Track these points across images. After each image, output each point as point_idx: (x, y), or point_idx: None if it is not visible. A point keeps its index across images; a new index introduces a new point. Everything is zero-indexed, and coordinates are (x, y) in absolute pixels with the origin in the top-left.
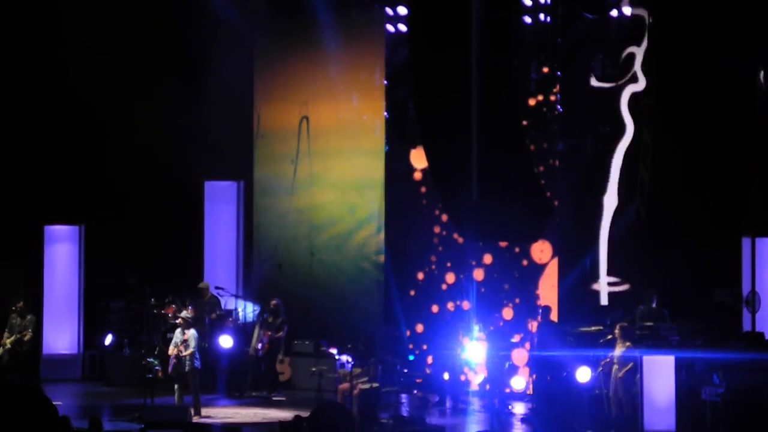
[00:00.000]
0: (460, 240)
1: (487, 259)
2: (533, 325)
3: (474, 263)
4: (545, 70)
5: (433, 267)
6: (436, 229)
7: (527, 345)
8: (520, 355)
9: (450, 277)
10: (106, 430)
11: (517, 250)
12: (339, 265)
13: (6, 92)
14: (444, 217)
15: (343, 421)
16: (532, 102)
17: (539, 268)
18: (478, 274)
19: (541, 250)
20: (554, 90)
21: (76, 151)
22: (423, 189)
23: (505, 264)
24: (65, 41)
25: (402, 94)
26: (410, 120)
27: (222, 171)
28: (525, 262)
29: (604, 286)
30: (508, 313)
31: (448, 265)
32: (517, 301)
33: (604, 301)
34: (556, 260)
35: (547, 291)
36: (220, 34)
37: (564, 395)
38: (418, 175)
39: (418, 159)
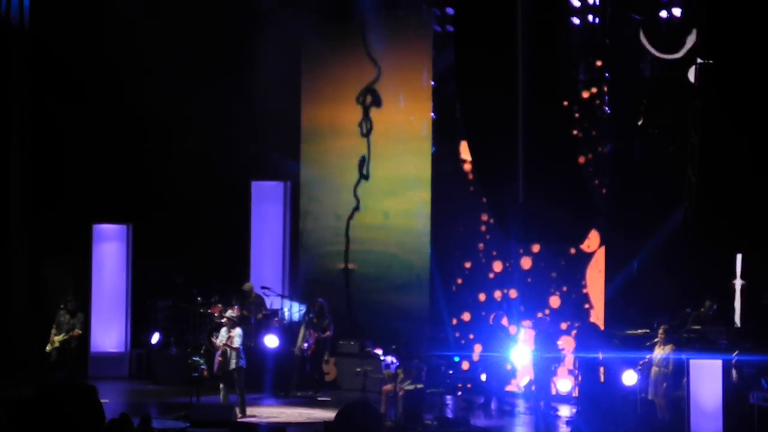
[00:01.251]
0: None
1: (535, 247)
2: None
3: (521, 251)
4: (599, 63)
5: (481, 255)
6: (484, 217)
7: (574, 332)
8: (567, 342)
9: (497, 266)
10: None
11: (571, 247)
12: (385, 265)
13: (55, 91)
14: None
15: (369, 419)
16: (585, 94)
17: (587, 257)
18: (526, 263)
19: (589, 238)
20: (603, 89)
21: (124, 151)
22: (470, 176)
23: (553, 252)
24: (115, 42)
25: (449, 95)
26: (457, 121)
27: (269, 171)
28: (572, 251)
29: None
30: (555, 301)
31: (494, 253)
32: (565, 289)
33: None
34: (603, 249)
35: (594, 280)
36: (268, 35)
37: (610, 398)
38: (468, 167)
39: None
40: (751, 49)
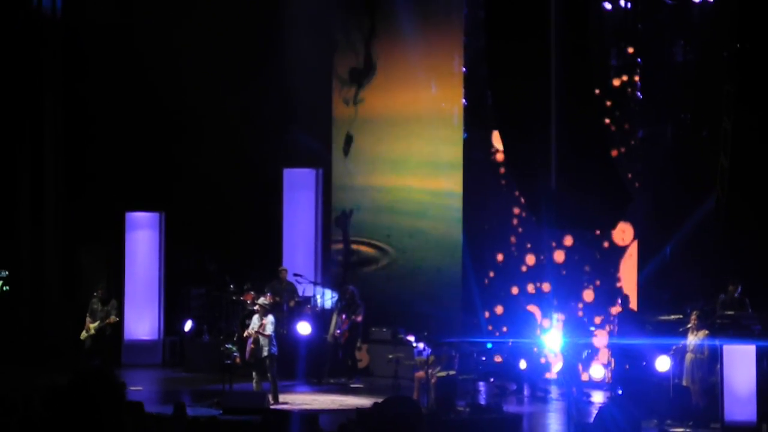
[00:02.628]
0: None
1: (568, 240)
2: (613, 313)
3: (554, 244)
4: (630, 50)
5: (513, 248)
6: (516, 210)
7: (608, 327)
8: (600, 338)
9: (530, 259)
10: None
11: (597, 231)
12: (417, 252)
13: (88, 80)
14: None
15: (410, 414)
16: (616, 82)
17: (620, 251)
18: (559, 256)
19: (623, 231)
20: (635, 76)
21: (156, 139)
22: (502, 170)
23: (586, 245)
24: (147, 31)
25: (481, 81)
26: (488, 107)
27: (301, 158)
28: (606, 244)
29: None
30: (588, 295)
31: (528, 246)
32: (598, 283)
33: None
34: (636, 242)
35: (628, 273)
36: (300, 22)
37: (644, 384)
38: (500, 157)
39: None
40: None
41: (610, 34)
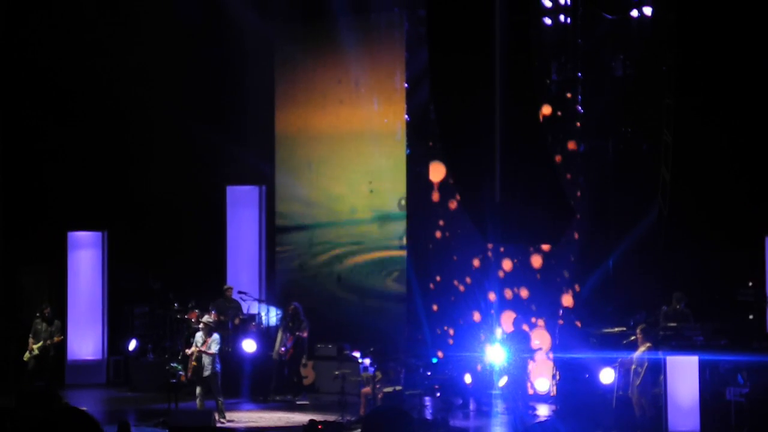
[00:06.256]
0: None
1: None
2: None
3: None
4: (571, 65)
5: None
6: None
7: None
8: (543, 338)
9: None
10: None
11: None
12: (362, 268)
13: (32, 99)
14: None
15: (399, 421)
16: (557, 96)
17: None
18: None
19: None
20: (576, 90)
21: (99, 158)
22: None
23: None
24: (91, 49)
25: (423, 97)
26: (432, 123)
27: (244, 175)
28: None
29: None
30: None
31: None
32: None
33: None
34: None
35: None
36: (242, 41)
37: (588, 397)
38: (436, 197)
39: (436, 173)
40: (720, 48)
41: (551, 49)
